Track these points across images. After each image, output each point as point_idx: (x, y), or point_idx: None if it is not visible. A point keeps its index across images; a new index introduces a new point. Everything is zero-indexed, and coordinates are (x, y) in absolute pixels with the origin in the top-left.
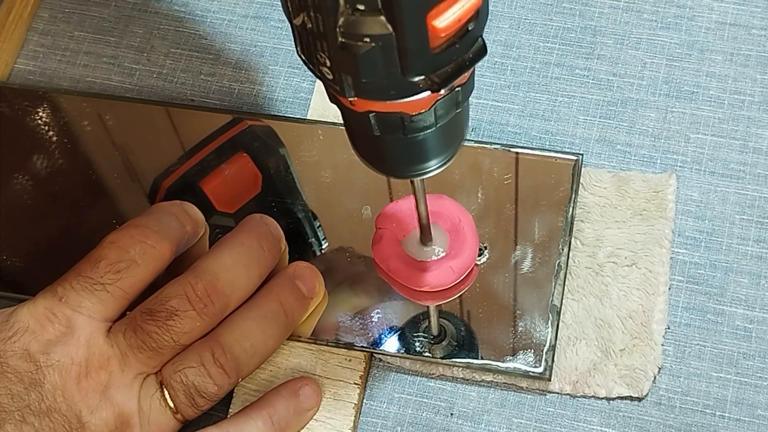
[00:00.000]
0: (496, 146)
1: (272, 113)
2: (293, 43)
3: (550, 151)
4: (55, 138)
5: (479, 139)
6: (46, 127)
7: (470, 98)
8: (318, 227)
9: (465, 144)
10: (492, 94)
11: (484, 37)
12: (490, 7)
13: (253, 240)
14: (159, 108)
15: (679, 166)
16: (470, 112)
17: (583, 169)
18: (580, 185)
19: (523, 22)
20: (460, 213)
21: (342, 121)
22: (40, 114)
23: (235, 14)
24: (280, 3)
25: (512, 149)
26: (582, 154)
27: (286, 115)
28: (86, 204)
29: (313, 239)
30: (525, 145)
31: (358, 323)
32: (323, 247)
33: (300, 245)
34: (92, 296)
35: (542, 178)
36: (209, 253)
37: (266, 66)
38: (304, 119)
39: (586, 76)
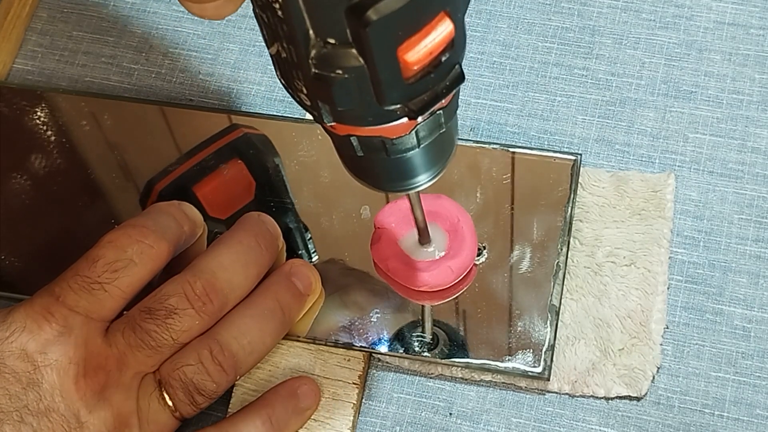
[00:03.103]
0: (494, 146)
1: (271, 113)
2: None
3: (548, 150)
4: (53, 138)
5: (478, 139)
6: (45, 127)
7: (469, 98)
8: (309, 239)
9: (463, 144)
10: (490, 93)
11: (482, 36)
12: (489, 7)
13: (251, 239)
14: (157, 108)
15: (678, 166)
16: (469, 112)
17: (581, 168)
18: (579, 185)
19: (522, 22)
20: (458, 213)
21: None
22: (39, 114)
23: (233, 14)
24: None
25: (511, 149)
26: (581, 154)
27: (284, 115)
28: (84, 204)
29: (303, 251)
30: (523, 144)
31: (356, 323)
32: (313, 260)
33: (291, 256)
34: (89, 296)
35: (541, 177)
36: (207, 252)
37: (265, 66)
38: (303, 119)
39: (585, 76)
